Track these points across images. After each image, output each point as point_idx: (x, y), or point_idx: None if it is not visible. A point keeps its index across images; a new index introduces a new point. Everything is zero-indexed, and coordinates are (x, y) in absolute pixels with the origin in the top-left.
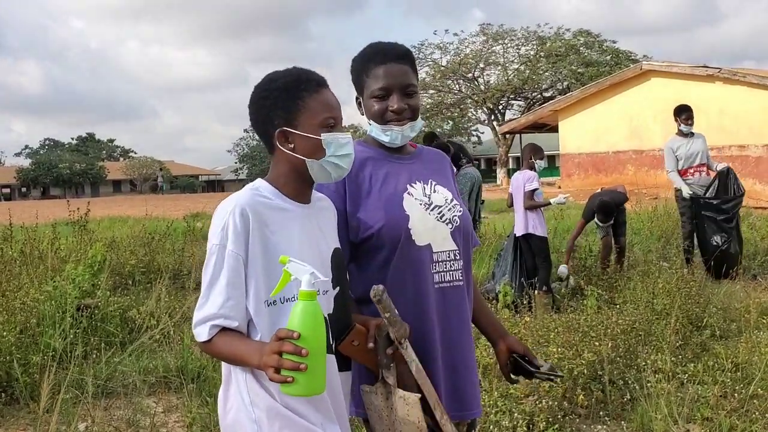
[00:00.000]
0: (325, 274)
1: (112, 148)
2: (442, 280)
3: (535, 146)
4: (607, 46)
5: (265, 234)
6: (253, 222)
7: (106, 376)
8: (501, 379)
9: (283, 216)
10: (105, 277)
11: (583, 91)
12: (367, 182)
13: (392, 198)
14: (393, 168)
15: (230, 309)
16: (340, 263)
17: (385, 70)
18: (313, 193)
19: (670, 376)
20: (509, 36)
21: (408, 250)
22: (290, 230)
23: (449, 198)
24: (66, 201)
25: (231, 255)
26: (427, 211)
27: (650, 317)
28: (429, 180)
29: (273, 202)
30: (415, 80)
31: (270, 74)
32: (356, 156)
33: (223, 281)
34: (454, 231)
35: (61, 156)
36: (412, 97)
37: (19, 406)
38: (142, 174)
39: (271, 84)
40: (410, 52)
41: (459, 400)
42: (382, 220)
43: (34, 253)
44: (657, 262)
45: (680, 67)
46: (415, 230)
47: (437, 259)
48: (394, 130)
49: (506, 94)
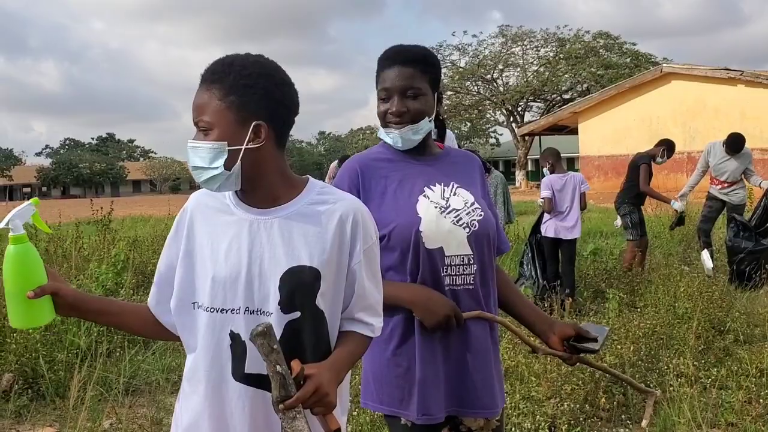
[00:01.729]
0: (262, 293)
1: (132, 149)
2: (454, 283)
3: (557, 153)
4: (627, 48)
5: (195, 235)
6: (188, 222)
7: (129, 374)
8: (522, 381)
9: (223, 219)
10: (128, 275)
11: (602, 94)
12: (383, 185)
13: (406, 200)
14: (411, 170)
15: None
16: (298, 285)
17: (389, 73)
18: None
19: (692, 381)
20: (528, 37)
21: (418, 252)
22: (222, 236)
23: (470, 201)
24: (89, 201)
25: (165, 246)
26: (443, 214)
27: (672, 321)
28: (450, 182)
29: (222, 203)
30: (420, 83)
31: None
32: (373, 159)
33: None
34: (470, 235)
35: (81, 156)
36: (415, 100)
37: (45, 402)
38: (162, 174)
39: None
40: (424, 56)
41: (474, 398)
42: (394, 222)
43: (58, 252)
44: (678, 266)
45: (701, 69)
46: (426, 233)
47: (449, 263)
48: (394, 133)
49: (525, 95)
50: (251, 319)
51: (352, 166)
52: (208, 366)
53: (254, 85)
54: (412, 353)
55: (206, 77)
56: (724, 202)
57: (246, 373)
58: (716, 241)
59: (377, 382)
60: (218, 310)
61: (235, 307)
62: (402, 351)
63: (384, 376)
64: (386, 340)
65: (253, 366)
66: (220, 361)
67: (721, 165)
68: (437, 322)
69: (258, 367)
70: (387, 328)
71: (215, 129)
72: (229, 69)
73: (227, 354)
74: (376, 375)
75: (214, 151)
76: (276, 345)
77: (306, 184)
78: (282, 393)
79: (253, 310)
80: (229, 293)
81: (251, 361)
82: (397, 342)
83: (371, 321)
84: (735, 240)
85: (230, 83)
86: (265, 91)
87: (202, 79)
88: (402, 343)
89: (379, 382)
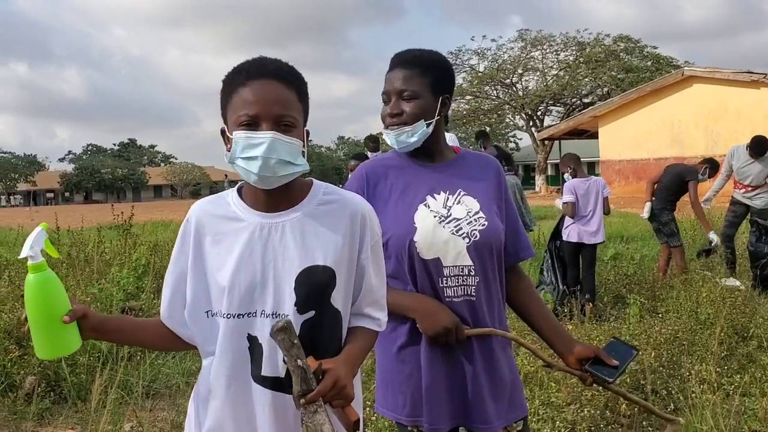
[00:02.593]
0: (279, 295)
1: (153, 154)
2: (454, 295)
3: (578, 158)
4: (648, 52)
5: (203, 245)
6: (194, 232)
7: (150, 377)
8: (542, 387)
9: (232, 226)
10: (149, 280)
11: (623, 97)
12: (387, 191)
13: (406, 209)
14: (416, 177)
15: (161, 304)
16: (314, 284)
17: (390, 75)
18: (315, 198)
19: (715, 387)
20: (548, 42)
21: (413, 263)
22: (233, 242)
23: (473, 210)
24: (111, 206)
25: (173, 258)
26: (441, 224)
27: (694, 327)
28: (457, 190)
29: (228, 210)
30: (417, 86)
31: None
32: (381, 165)
33: (165, 284)
34: (470, 246)
35: (103, 161)
36: (410, 102)
37: (67, 405)
38: (183, 179)
39: (224, 77)
40: (426, 59)
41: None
42: (390, 231)
43: (81, 257)
44: (700, 271)
45: (723, 72)
46: (421, 243)
47: (448, 273)
48: (390, 135)
49: (545, 100)
50: (268, 322)
51: (360, 172)
52: (228, 370)
53: (308, 95)
54: (416, 360)
55: (282, 76)
56: (748, 206)
57: (263, 376)
58: (739, 246)
59: (384, 387)
60: (235, 315)
61: (251, 311)
62: (405, 357)
63: (389, 382)
64: (391, 345)
65: (268, 368)
66: (240, 365)
67: (745, 168)
68: (436, 333)
69: (273, 369)
70: (393, 333)
71: (297, 128)
72: (300, 76)
73: (246, 357)
74: (384, 380)
75: (298, 148)
76: (296, 340)
77: (311, 186)
78: (303, 387)
79: (269, 313)
80: (245, 298)
81: (267, 364)
82: (401, 345)
83: (378, 315)
84: (757, 245)
85: (303, 90)
86: (307, 96)
87: (274, 75)
88: (405, 347)
89: (385, 387)
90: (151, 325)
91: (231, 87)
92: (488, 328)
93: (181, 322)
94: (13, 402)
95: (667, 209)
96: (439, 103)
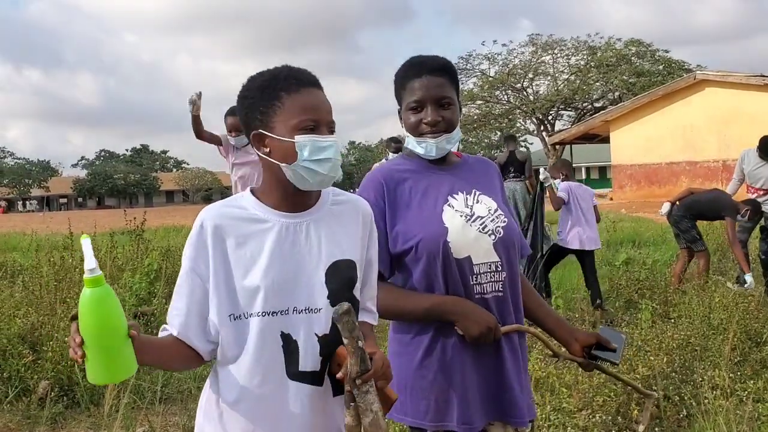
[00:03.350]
0: (311, 290)
1: (165, 159)
2: (484, 292)
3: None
4: (660, 56)
5: (224, 248)
6: (212, 236)
7: (162, 382)
8: (553, 392)
9: (257, 227)
10: (161, 285)
11: (635, 102)
12: (407, 195)
13: (432, 210)
14: (434, 180)
15: (173, 317)
16: (343, 278)
17: (420, 82)
18: (327, 199)
19: (728, 393)
20: (559, 46)
21: (447, 263)
22: (260, 243)
23: (493, 208)
24: (123, 211)
25: (187, 268)
26: (468, 223)
27: (706, 332)
28: (472, 190)
29: (246, 212)
30: (451, 93)
31: (254, 73)
32: (396, 170)
33: (176, 296)
34: (497, 242)
35: (116, 167)
36: (447, 110)
37: (80, 409)
38: (195, 184)
39: (251, 83)
40: (449, 65)
41: (507, 406)
42: (421, 233)
43: None
44: (713, 276)
45: (736, 76)
46: (454, 243)
47: (478, 271)
48: (429, 143)
49: (556, 104)
50: (302, 318)
51: (375, 177)
52: (263, 370)
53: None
54: (439, 365)
55: (321, 86)
56: (762, 211)
57: (301, 371)
58: (752, 251)
59: (402, 394)
60: (270, 313)
61: (284, 308)
62: (428, 363)
63: (411, 388)
64: (413, 352)
65: (308, 363)
66: (274, 363)
67: (756, 171)
68: (480, 334)
69: (311, 363)
70: (415, 339)
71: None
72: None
73: (280, 355)
74: (405, 387)
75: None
76: (357, 322)
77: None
78: (362, 367)
79: (302, 308)
80: (279, 296)
81: (304, 359)
82: (425, 352)
83: (375, 310)
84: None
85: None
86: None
87: (318, 85)
88: (429, 353)
89: (404, 394)
90: (167, 343)
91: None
92: (515, 324)
93: (197, 333)
94: (26, 407)
95: (687, 218)
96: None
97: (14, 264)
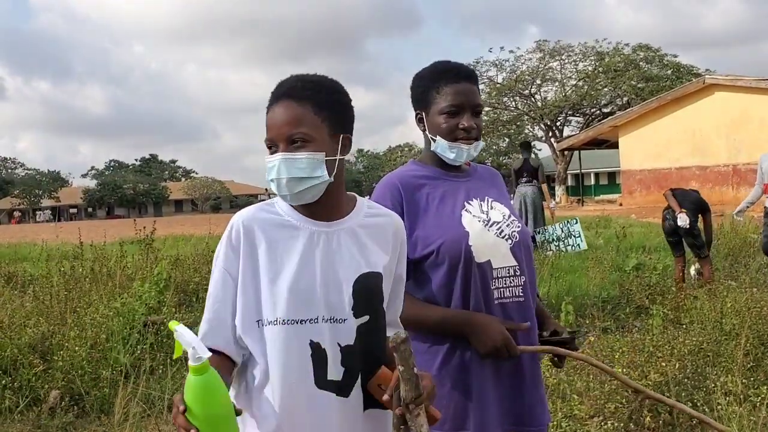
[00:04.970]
0: (338, 300)
1: (174, 169)
2: (502, 296)
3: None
4: (668, 60)
5: (255, 252)
6: (244, 239)
7: (172, 390)
8: (564, 399)
9: (288, 233)
10: (170, 294)
11: (643, 107)
12: (425, 201)
13: (451, 215)
14: (450, 186)
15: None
16: (369, 290)
17: (459, 88)
18: (362, 210)
19: (741, 399)
20: (566, 52)
21: (468, 267)
22: (290, 249)
23: (507, 214)
24: (132, 220)
25: (220, 271)
26: (486, 228)
27: (718, 337)
28: (485, 197)
29: (280, 218)
30: (480, 101)
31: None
32: (412, 176)
33: (210, 299)
34: (514, 246)
35: (125, 177)
36: (479, 118)
37: (90, 418)
38: (203, 194)
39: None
40: (476, 74)
41: (524, 413)
42: (442, 237)
43: (103, 271)
44: (725, 281)
45: (745, 80)
46: (475, 247)
47: (497, 275)
48: (462, 149)
49: (564, 110)
50: (329, 327)
51: (392, 182)
52: (292, 378)
53: (341, 101)
54: (456, 374)
55: (294, 94)
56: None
57: (329, 380)
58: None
59: None
60: (297, 321)
61: (312, 317)
62: (446, 373)
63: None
64: (430, 363)
65: (334, 373)
66: (300, 372)
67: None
68: (487, 352)
69: (339, 373)
70: (432, 349)
71: (313, 141)
72: (320, 87)
73: (308, 364)
74: None
75: (316, 161)
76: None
77: (356, 200)
78: (416, 392)
79: (328, 318)
80: (306, 304)
81: (333, 368)
82: (442, 362)
83: (400, 324)
84: None
85: (323, 99)
86: (347, 107)
87: (286, 95)
88: (446, 363)
89: None
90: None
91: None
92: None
93: (228, 339)
94: (37, 416)
95: (696, 220)
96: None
97: (25, 274)
